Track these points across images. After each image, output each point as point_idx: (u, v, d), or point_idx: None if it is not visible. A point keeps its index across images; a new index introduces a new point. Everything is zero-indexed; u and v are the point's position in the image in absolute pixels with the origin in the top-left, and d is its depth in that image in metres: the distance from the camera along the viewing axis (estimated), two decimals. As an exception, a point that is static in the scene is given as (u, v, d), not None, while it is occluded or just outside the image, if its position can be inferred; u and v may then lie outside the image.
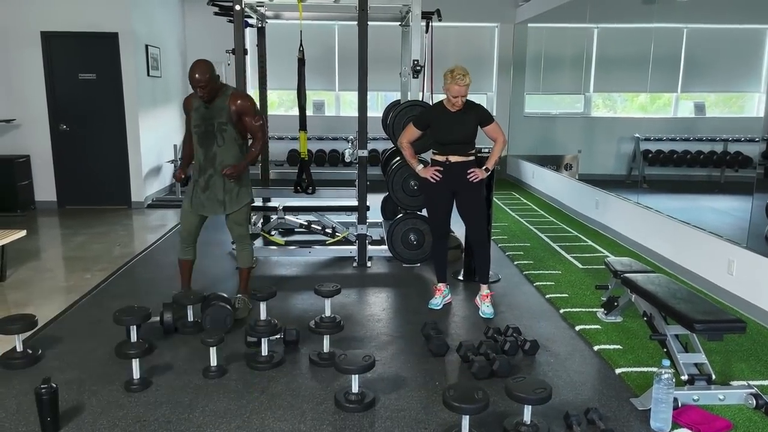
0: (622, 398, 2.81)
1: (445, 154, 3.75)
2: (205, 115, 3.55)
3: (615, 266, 3.61)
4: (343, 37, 9.26)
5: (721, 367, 3.09)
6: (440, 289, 4.05)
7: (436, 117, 3.75)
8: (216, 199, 3.67)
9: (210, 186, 3.65)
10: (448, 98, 3.66)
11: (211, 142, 3.58)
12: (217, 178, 3.63)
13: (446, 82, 3.57)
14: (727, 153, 6.82)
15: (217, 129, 3.56)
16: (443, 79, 3.59)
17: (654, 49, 5.89)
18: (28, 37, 6.76)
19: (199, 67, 3.40)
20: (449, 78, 3.55)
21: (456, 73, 3.52)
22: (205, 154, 3.61)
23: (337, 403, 2.71)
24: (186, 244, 3.83)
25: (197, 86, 3.41)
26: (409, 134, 3.89)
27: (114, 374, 2.98)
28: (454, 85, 3.54)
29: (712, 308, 2.77)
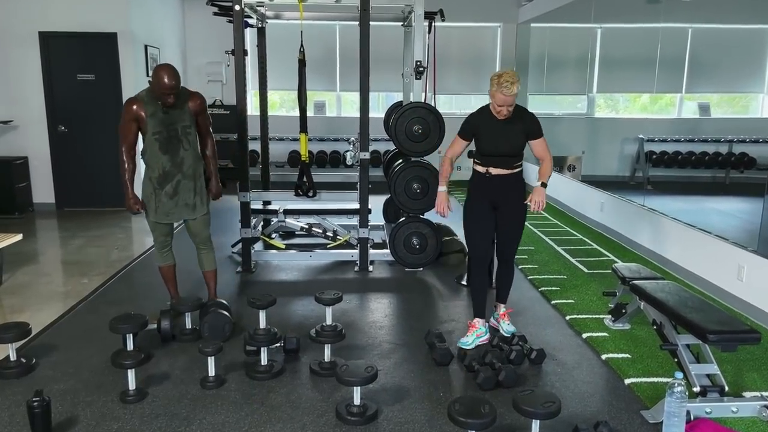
0: (632, 410, 2.73)
1: (487, 165, 3.37)
2: (165, 120, 3.39)
3: (623, 272, 3.53)
4: (344, 38, 9.17)
5: (732, 378, 3.01)
6: (474, 325, 3.43)
7: (481, 124, 3.33)
8: (186, 204, 3.55)
9: (179, 191, 3.51)
10: (492, 105, 3.26)
11: (177, 147, 3.44)
12: (186, 182, 3.51)
13: (491, 87, 3.15)
14: (732, 154, 6.73)
15: (181, 133, 3.43)
16: (489, 83, 3.17)
17: (659, 50, 5.80)
18: (26, 38, 6.69)
19: (169, 73, 3.23)
20: (495, 84, 3.12)
21: (503, 79, 3.09)
22: (172, 160, 3.45)
23: (339, 415, 2.63)
24: (165, 250, 3.71)
25: (169, 93, 3.25)
26: (456, 148, 3.45)
27: (109, 384, 2.91)
28: (500, 93, 3.12)
29: (725, 318, 2.69)
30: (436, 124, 4.51)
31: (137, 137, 3.46)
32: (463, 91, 9.83)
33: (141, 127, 3.42)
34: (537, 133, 3.34)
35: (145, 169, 3.54)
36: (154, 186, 3.51)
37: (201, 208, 3.61)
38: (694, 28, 6.11)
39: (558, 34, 8.46)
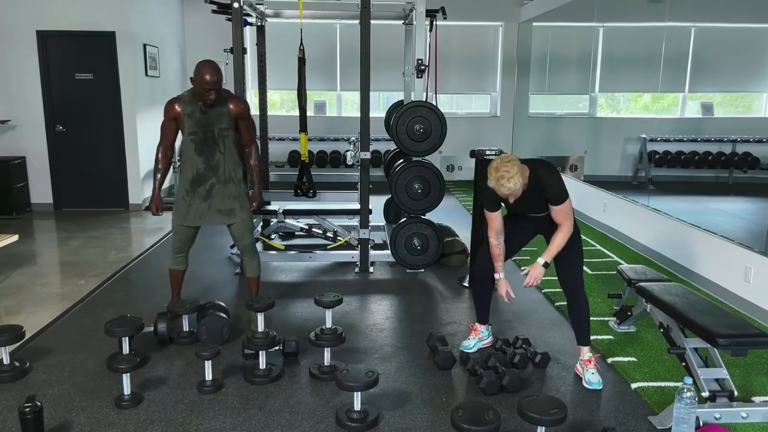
0: (639, 416, 2.66)
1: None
2: (202, 121, 3.32)
3: (629, 274, 3.46)
4: (344, 37, 9.11)
5: (741, 382, 2.95)
6: (477, 329, 3.35)
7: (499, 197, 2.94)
8: (219, 209, 3.46)
9: (213, 195, 3.44)
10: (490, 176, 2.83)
11: (213, 150, 3.36)
12: (220, 186, 3.43)
13: (489, 179, 2.79)
14: (735, 154, 6.67)
15: (218, 135, 3.35)
16: (490, 174, 2.77)
17: (663, 49, 5.74)
18: (24, 37, 6.63)
19: (211, 68, 3.16)
20: (492, 180, 2.75)
21: (500, 175, 2.71)
22: (207, 163, 3.38)
23: (339, 421, 2.56)
24: (180, 255, 3.64)
25: (210, 89, 3.17)
26: (494, 223, 3.06)
27: (104, 389, 2.84)
28: (498, 188, 2.76)
29: (735, 321, 2.62)
30: (437, 123, 4.45)
31: (175, 137, 3.42)
32: (464, 91, 9.77)
33: (180, 127, 3.37)
34: (557, 199, 2.85)
35: (180, 170, 3.48)
36: (187, 189, 3.43)
37: (240, 213, 3.50)
38: (697, 27, 6.05)
39: (560, 33, 8.40)
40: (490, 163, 2.82)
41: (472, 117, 9.80)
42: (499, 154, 4.27)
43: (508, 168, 2.70)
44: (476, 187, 4.38)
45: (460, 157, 9.50)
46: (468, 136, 9.15)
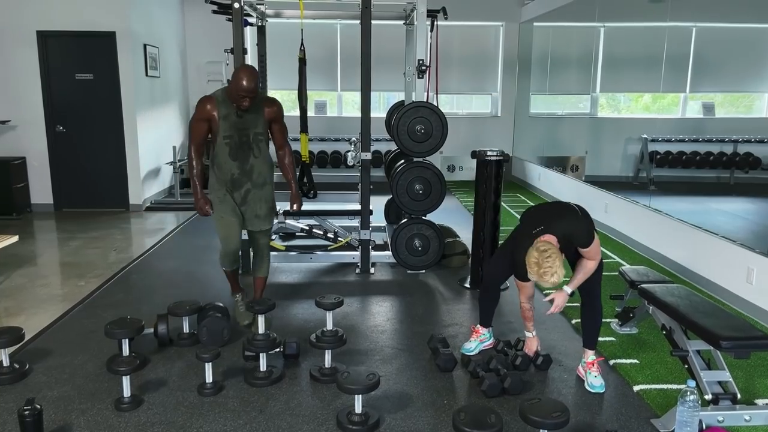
0: (641, 418, 2.65)
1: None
2: (238, 125, 3.24)
3: (631, 276, 3.45)
4: (345, 37, 9.10)
5: (743, 384, 2.93)
6: (478, 331, 3.32)
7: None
8: (256, 215, 3.43)
9: (248, 200, 3.40)
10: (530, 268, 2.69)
11: (247, 154, 3.30)
12: (256, 191, 3.39)
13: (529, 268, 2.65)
14: (736, 154, 6.64)
15: (253, 140, 3.30)
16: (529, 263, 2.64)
17: (665, 49, 5.73)
18: (24, 37, 6.61)
19: (248, 75, 3.07)
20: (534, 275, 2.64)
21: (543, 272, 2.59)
22: (241, 168, 3.32)
23: (340, 424, 2.55)
24: (234, 259, 3.53)
25: (247, 96, 3.09)
26: (526, 290, 3.02)
27: (104, 391, 2.83)
28: (541, 282, 2.64)
29: (739, 323, 2.61)
30: (438, 124, 4.44)
31: (206, 138, 3.33)
32: (464, 91, 9.75)
33: (212, 128, 3.27)
34: (586, 244, 2.80)
35: (214, 171, 3.37)
36: (225, 190, 3.37)
37: (270, 219, 3.53)
38: (698, 27, 6.03)
39: (561, 33, 8.38)
40: (528, 255, 2.65)
41: (472, 117, 9.79)
42: (502, 155, 4.28)
43: (550, 264, 2.57)
44: (477, 187, 4.37)
45: (461, 158, 9.52)
46: (469, 137, 9.14)
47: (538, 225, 2.78)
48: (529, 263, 2.65)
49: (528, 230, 2.81)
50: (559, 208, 2.94)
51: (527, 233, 2.80)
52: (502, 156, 4.28)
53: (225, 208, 3.38)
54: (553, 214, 2.89)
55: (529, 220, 2.92)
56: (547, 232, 2.74)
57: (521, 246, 2.80)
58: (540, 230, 2.76)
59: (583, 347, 3.03)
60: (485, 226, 4.34)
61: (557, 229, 2.76)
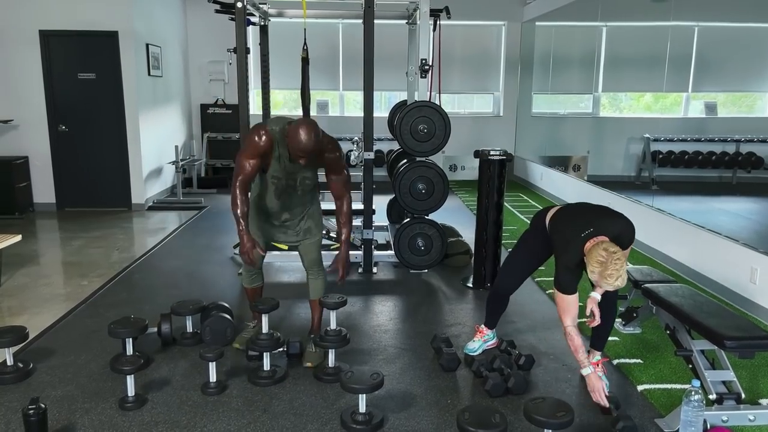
0: (645, 418, 2.65)
1: None
2: (288, 168, 2.97)
3: (634, 275, 3.44)
4: (347, 36, 9.10)
5: (748, 384, 2.93)
6: (482, 331, 3.28)
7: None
8: (294, 230, 3.19)
9: (286, 226, 3.18)
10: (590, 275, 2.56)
11: (292, 195, 3.07)
12: (294, 221, 3.17)
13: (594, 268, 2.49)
14: (739, 154, 6.63)
15: (299, 183, 3.03)
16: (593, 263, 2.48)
17: (665, 48, 5.72)
18: (27, 36, 6.62)
19: (309, 133, 2.72)
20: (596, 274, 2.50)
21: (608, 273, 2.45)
22: (282, 205, 3.11)
23: (343, 423, 2.55)
24: (254, 272, 3.27)
25: (304, 156, 2.77)
26: (573, 309, 2.69)
27: (108, 390, 2.83)
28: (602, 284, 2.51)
29: (743, 323, 2.60)
30: (441, 123, 4.44)
31: (257, 173, 2.99)
32: (466, 90, 9.75)
33: (263, 164, 2.96)
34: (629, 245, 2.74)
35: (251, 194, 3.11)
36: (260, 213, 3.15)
37: (315, 232, 3.24)
38: (701, 26, 6.02)
39: (563, 32, 8.37)
40: (592, 253, 2.49)
41: (474, 117, 9.79)
42: (505, 154, 4.27)
43: (618, 267, 2.43)
44: (480, 187, 4.37)
45: (463, 157, 9.52)
46: (471, 136, 9.13)
47: (585, 227, 2.62)
48: (592, 261, 2.48)
49: (575, 234, 2.63)
50: (599, 210, 2.80)
51: (575, 237, 2.62)
52: (505, 155, 4.28)
53: (252, 222, 3.14)
54: (598, 214, 2.74)
55: (569, 224, 2.74)
56: (598, 234, 2.58)
57: (571, 251, 2.61)
58: (590, 232, 2.59)
59: (590, 347, 2.99)
60: (488, 225, 4.34)
61: (608, 230, 2.61)
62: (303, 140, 2.72)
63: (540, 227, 2.94)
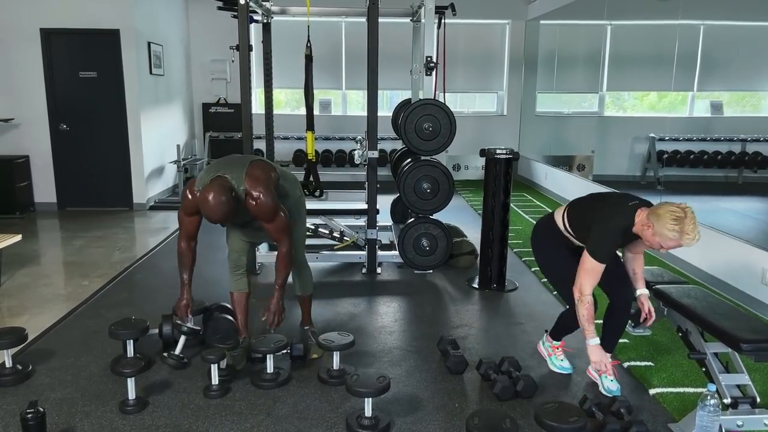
0: (658, 422, 2.59)
1: None
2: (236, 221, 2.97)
3: (645, 277, 3.37)
4: (350, 34, 9.04)
5: (762, 388, 2.86)
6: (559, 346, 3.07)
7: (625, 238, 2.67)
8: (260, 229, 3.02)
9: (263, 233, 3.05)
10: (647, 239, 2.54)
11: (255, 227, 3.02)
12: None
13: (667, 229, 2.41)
14: (745, 153, 6.56)
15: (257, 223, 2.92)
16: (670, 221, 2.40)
17: (671, 47, 5.66)
18: (27, 34, 6.57)
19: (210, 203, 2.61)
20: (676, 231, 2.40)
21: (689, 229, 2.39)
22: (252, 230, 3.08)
23: (349, 427, 2.49)
24: (238, 271, 3.13)
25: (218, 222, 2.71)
26: (595, 278, 2.65)
27: (108, 393, 2.78)
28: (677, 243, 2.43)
29: (758, 326, 2.54)
30: (446, 121, 4.38)
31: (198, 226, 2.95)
32: (470, 89, 9.69)
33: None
34: None
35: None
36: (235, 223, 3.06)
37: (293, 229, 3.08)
38: (706, 25, 5.95)
39: (568, 31, 8.32)
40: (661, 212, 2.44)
41: (478, 116, 9.73)
42: (512, 153, 4.21)
43: (695, 221, 2.40)
44: (486, 186, 4.31)
45: (467, 156, 9.45)
46: (475, 136, 9.06)
47: (627, 199, 2.63)
48: (665, 222, 2.39)
49: (620, 204, 2.63)
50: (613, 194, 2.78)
51: (621, 206, 2.61)
52: (511, 154, 4.22)
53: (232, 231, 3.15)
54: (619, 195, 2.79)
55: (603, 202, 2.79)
56: (643, 204, 2.59)
57: (619, 218, 2.56)
58: (636, 203, 2.58)
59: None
60: (495, 225, 4.28)
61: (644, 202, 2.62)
62: (206, 213, 2.63)
63: (557, 235, 2.89)
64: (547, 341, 3.14)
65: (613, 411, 2.53)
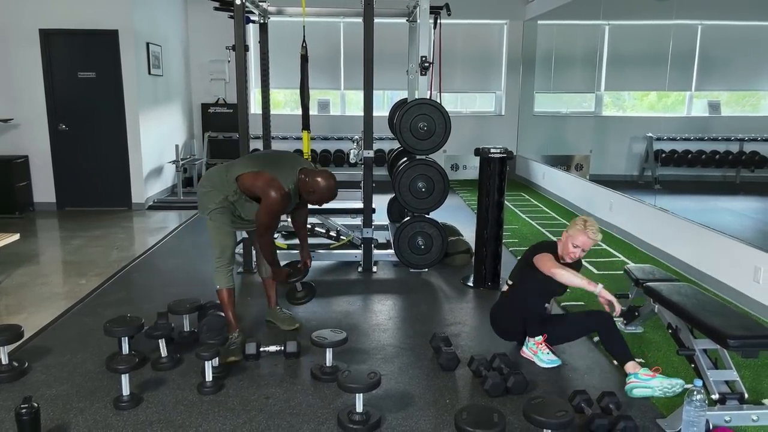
0: (647, 418, 2.61)
1: (544, 300, 3.24)
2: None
3: (636, 274, 3.40)
4: (348, 35, 9.07)
5: (751, 384, 2.88)
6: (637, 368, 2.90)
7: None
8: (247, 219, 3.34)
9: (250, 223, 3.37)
10: (565, 246, 3.08)
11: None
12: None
13: (574, 227, 3.04)
14: (743, 153, 6.58)
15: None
16: (571, 226, 3.06)
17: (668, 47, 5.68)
18: (27, 35, 6.60)
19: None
20: (580, 225, 3.02)
21: (590, 224, 3.02)
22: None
23: (340, 423, 2.51)
24: (230, 266, 3.27)
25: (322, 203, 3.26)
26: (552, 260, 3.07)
27: (103, 389, 2.80)
28: (584, 235, 3.00)
29: (747, 323, 2.56)
30: (441, 121, 4.40)
31: None
32: (468, 90, 9.71)
33: None
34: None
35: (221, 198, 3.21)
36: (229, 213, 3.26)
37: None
38: (704, 24, 5.97)
39: (565, 31, 8.33)
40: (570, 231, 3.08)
41: (476, 116, 9.75)
42: (506, 152, 4.24)
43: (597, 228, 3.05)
44: (480, 185, 4.33)
45: (465, 156, 9.48)
46: (472, 136, 9.09)
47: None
48: (575, 222, 3.08)
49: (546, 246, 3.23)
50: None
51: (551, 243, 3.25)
52: (505, 153, 4.24)
53: (225, 219, 3.25)
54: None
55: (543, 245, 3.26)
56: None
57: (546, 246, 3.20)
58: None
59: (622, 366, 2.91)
60: (489, 224, 4.30)
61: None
62: (328, 197, 3.18)
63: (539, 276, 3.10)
64: (529, 341, 3.16)
65: (601, 406, 2.56)
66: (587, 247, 3.05)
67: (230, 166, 3.26)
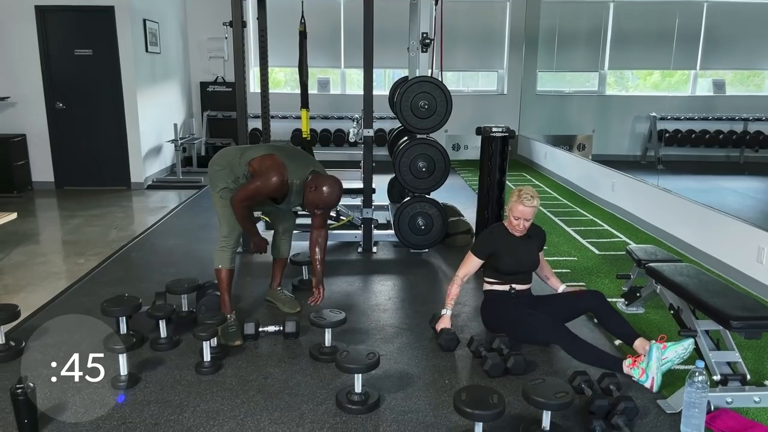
0: (647, 399, 2.59)
1: (508, 282, 3.18)
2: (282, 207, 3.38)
3: (638, 254, 3.37)
4: (349, 12, 8.93)
5: (753, 365, 2.86)
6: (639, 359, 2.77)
7: (498, 243, 3.17)
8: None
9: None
10: (509, 220, 3.15)
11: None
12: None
13: (511, 199, 3.10)
14: (747, 132, 6.49)
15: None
16: (509, 198, 3.15)
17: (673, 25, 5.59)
18: (22, 12, 6.49)
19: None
20: (515, 196, 3.08)
21: (524, 192, 3.07)
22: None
23: (339, 403, 2.50)
24: (235, 248, 3.26)
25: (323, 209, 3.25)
26: (470, 267, 3.24)
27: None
28: (519, 204, 3.03)
29: (749, 303, 2.53)
30: (442, 99, 4.33)
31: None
32: (470, 68, 9.60)
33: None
34: (543, 246, 3.34)
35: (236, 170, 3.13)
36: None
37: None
38: (710, 2, 5.86)
39: (569, 8, 8.21)
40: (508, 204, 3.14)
41: (478, 95, 9.65)
42: (508, 131, 4.19)
43: (531, 190, 3.07)
44: (482, 165, 4.29)
45: (467, 136, 9.40)
46: (474, 115, 8.98)
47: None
48: (512, 193, 3.12)
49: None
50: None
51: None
52: (507, 132, 4.18)
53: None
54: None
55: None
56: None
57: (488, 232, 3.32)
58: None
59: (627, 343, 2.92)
60: (490, 204, 4.26)
61: None
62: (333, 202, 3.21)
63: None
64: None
65: (602, 387, 2.55)
66: (527, 215, 3.07)
67: (246, 149, 3.23)
